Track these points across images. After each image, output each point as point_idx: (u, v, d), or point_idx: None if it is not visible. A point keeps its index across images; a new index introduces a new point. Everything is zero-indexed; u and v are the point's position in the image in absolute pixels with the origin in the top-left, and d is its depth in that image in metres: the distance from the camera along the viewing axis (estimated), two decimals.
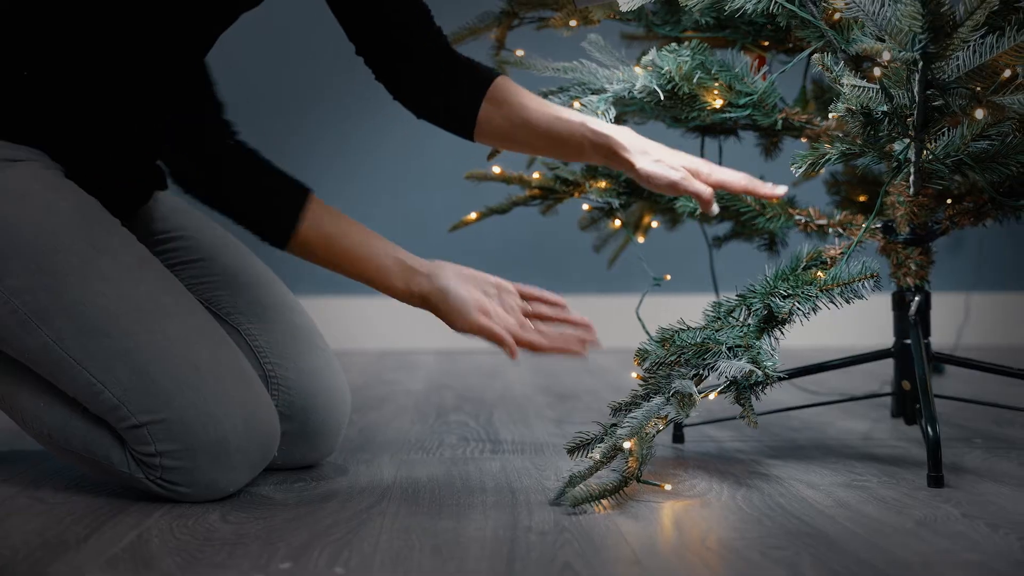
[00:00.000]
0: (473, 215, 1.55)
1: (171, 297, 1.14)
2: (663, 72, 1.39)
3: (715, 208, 1.23)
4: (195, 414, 1.09)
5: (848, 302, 1.22)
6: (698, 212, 1.53)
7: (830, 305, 1.23)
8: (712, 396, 1.23)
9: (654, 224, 1.66)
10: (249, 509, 1.10)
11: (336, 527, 1.02)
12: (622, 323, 2.95)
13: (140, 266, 1.14)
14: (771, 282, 1.25)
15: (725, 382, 1.19)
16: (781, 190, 1.23)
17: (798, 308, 1.21)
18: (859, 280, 1.22)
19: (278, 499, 1.14)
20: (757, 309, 1.23)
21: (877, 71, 1.16)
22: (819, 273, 1.24)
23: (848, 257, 1.26)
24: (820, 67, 1.24)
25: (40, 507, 1.11)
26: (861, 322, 2.89)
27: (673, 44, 1.42)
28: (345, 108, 2.95)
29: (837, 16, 1.26)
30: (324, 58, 2.89)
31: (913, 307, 1.33)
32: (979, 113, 1.15)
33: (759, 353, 1.18)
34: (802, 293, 1.22)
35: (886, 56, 1.15)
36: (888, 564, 0.90)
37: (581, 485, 1.11)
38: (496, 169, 1.53)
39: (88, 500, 1.14)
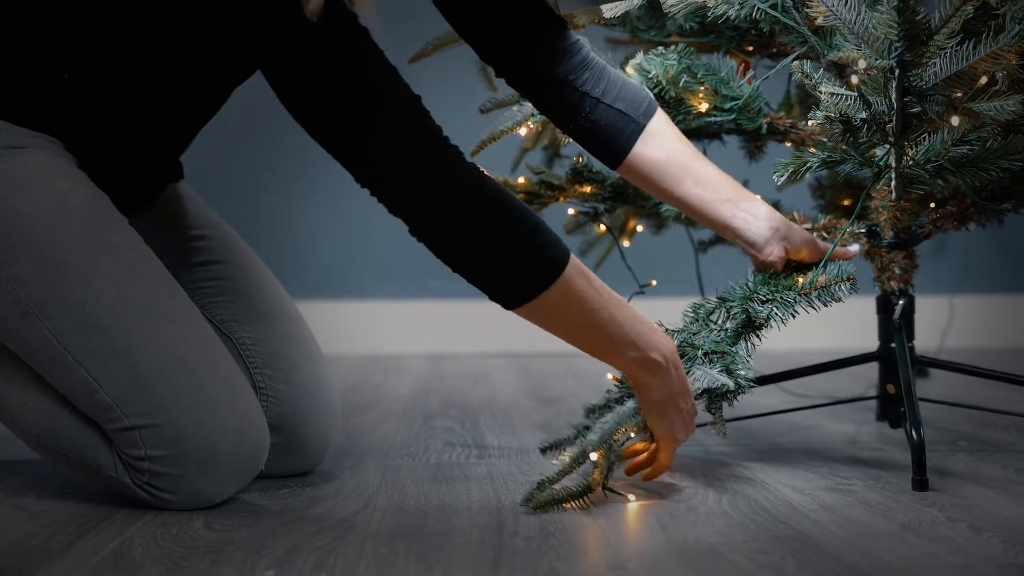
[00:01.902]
0: None
1: (171, 300, 1.14)
2: (650, 75, 1.40)
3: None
4: (187, 422, 1.09)
5: (826, 305, 1.23)
6: (684, 216, 1.54)
7: (809, 309, 1.23)
8: None
9: (639, 228, 1.66)
10: (234, 516, 1.09)
11: (321, 533, 1.02)
12: None
13: (142, 266, 1.14)
14: (751, 287, 1.25)
15: (698, 390, 1.20)
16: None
17: (776, 313, 1.22)
18: (836, 283, 1.22)
19: (263, 506, 1.14)
20: (736, 313, 1.23)
21: (855, 78, 1.17)
22: (799, 278, 1.25)
23: (825, 261, 1.27)
24: (799, 75, 1.24)
25: (23, 515, 1.11)
26: (846, 325, 2.90)
27: (660, 48, 1.42)
28: None
29: (819, 21, 1.27)
30: None
31: (897, 311, 1.33)
32: (955, 120, 1.16)
33: (734, 360, 1.19)
34: (780, 298, 1.22)
35: (862, 64, 1.15)
36: (873, 568, 0.90)
37: (549, 488, 1.11)
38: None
39: (71, 508, 1.13)
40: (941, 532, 1.01)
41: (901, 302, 1.33)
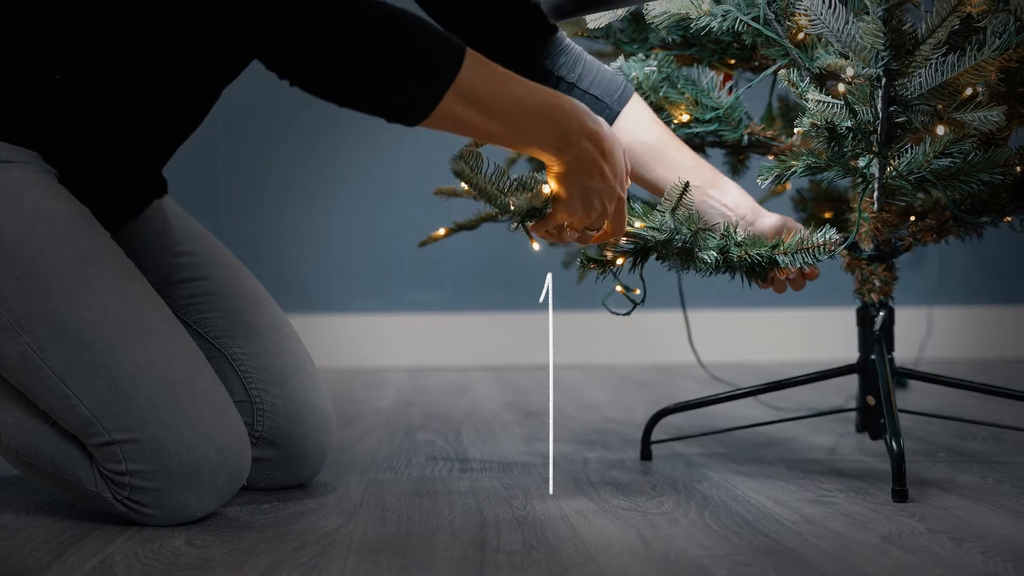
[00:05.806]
0: (441, 231, 1.55)
1: (154, 315, 1.13)
2: (630, 78, 1.41)
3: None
4: (169, 436, 1.08)
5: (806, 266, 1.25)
6: None
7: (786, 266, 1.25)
8: None
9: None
10: (216, 532, 1.09)
11: (303, 549, 1.02)
12: (590, 340, 2.96)
13: (126, 281, 1.13)
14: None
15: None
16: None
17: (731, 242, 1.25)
18: (821, 246, 1.24)
19: (245, 521, 1.13)
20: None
21: (841, 87, 1.18)
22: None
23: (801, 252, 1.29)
24: (786, 82, 1.25)
25: (2, 533, 1.10)
26: (826, 338, 2.91)
27: (640, 55, 1.43)
28: (333, 123, 2.94)
29: (801, 36, 1.28)
30: None
31: (877, 323, 1.34)
32: (940, 129, 1.17)
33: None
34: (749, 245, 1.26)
35: (849, 72, 1.16)
36: None
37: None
38: (464, 185, 1.53)
39: (50, 525, 1.12)
40: (921, 543, 1.02)
41: (881, 314, 1.34)
